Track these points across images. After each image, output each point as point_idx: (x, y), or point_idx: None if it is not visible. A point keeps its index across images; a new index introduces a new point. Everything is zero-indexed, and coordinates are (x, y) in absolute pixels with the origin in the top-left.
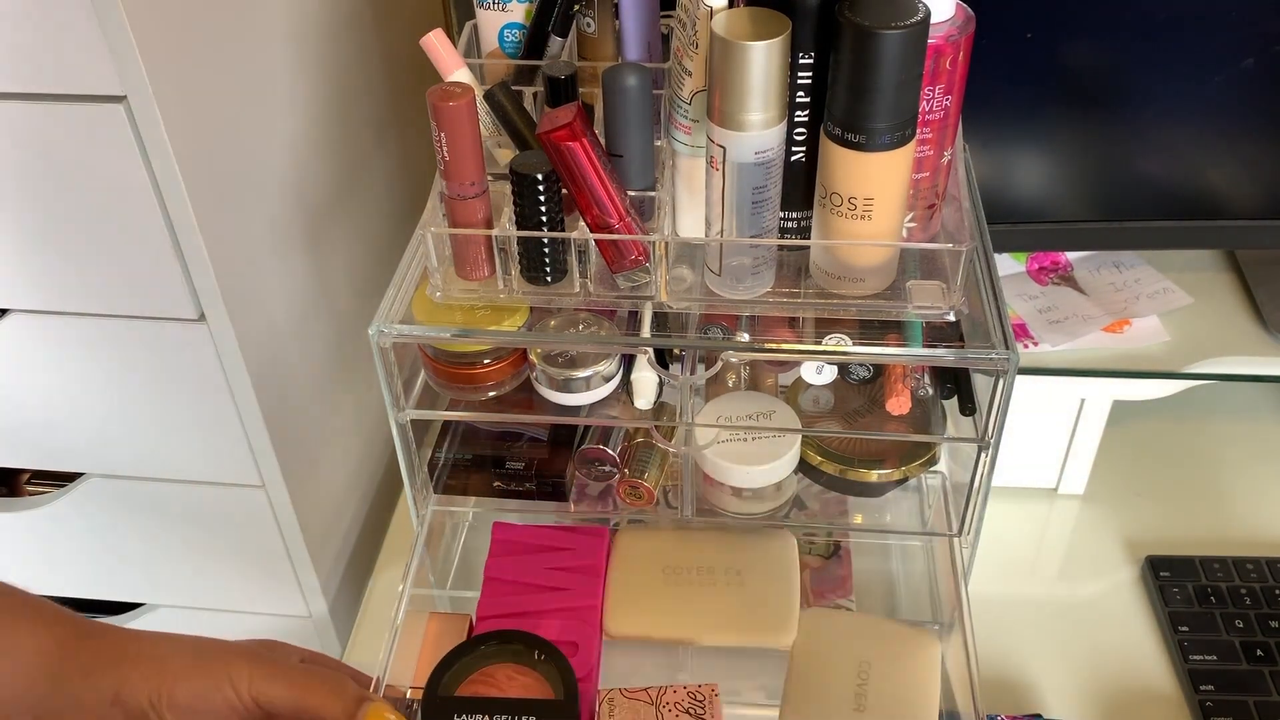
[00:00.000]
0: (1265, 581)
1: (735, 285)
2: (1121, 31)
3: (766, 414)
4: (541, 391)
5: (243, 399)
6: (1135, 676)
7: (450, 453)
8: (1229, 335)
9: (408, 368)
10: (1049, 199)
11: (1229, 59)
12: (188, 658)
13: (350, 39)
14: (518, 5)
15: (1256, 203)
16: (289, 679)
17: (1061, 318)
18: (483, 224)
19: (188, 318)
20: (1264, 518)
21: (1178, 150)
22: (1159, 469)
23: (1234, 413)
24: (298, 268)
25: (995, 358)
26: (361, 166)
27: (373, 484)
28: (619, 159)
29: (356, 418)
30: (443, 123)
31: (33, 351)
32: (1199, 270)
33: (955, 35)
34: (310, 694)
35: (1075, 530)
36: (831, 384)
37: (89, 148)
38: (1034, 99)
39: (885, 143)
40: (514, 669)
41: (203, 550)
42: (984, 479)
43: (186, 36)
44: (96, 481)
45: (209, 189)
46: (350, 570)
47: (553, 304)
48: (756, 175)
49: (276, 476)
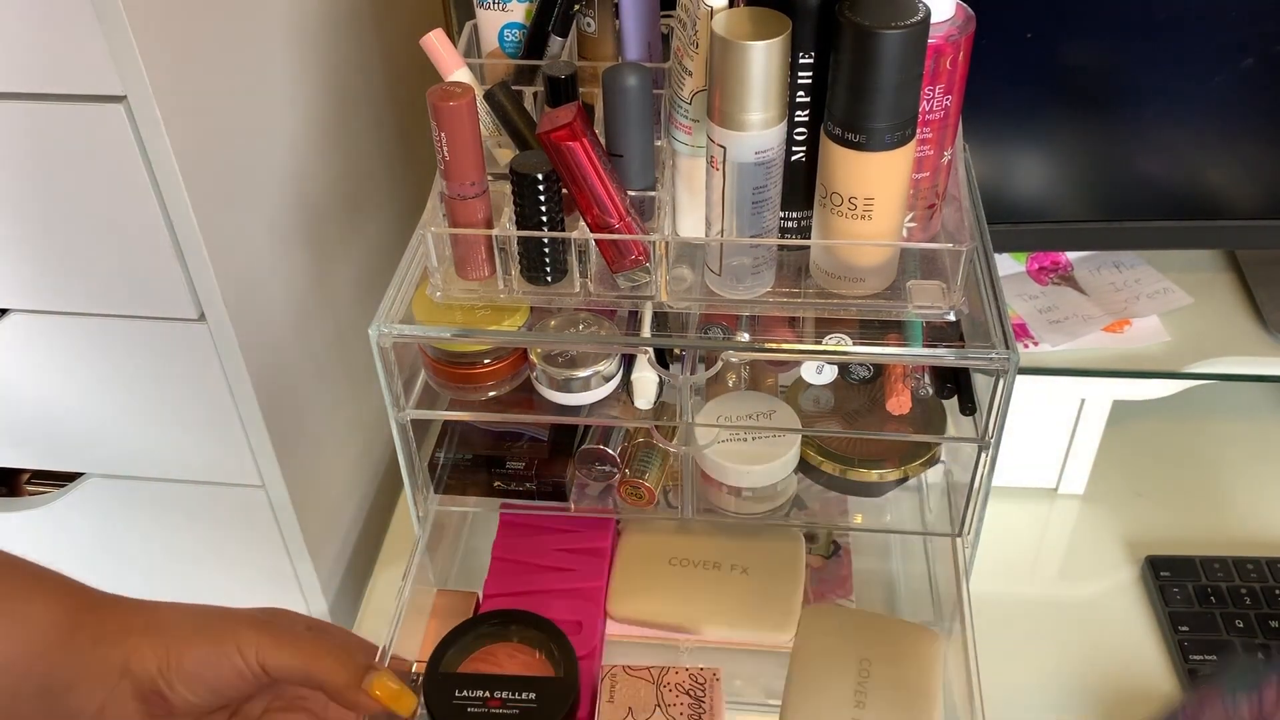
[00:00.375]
0: (1265, 581)
1: (735, 285)
2: (1121, 31)
3: (766, 414)
4: (541, 391)
5: (243, 399)
6: (1135, 676)
7: (450, 453)
8: (1229, 335)
9: (408, 368)
10: (1049, 199)
11: (1229, 59)
12: (195, 626)
13: (350, 39)
14: (518, 5)
15: (1256, 203)
16: (296, 646)
17: (1061, 318)
18: (483, 224)
19: (188, 318)
20: (1264, 518)
21: (1178, 150)
22: (1159, 469)
23: (1234, 413)
24: (298, 268)
25: (995, 358)
26: (361, 166)
27: (373, 484)
28: (619, 159)
29: (356, 418)
30: (443, 123)
31: (33, 351)
32: (1199, 270)
33: (955, 35)
34: (316, 662)
35: (1075, 530)
36: (831, 384)
37: (89, 148)
38: (1034, 99)
39: (885, 143)
40: (514, 647)
41: (203, 550)
42: (984, 479)
43: (186, 36)
44: (96, 481)
45: (209, 189)
46: (350, 570)
47: (553, 304)
48: (757, 175)
49: (276, 476)
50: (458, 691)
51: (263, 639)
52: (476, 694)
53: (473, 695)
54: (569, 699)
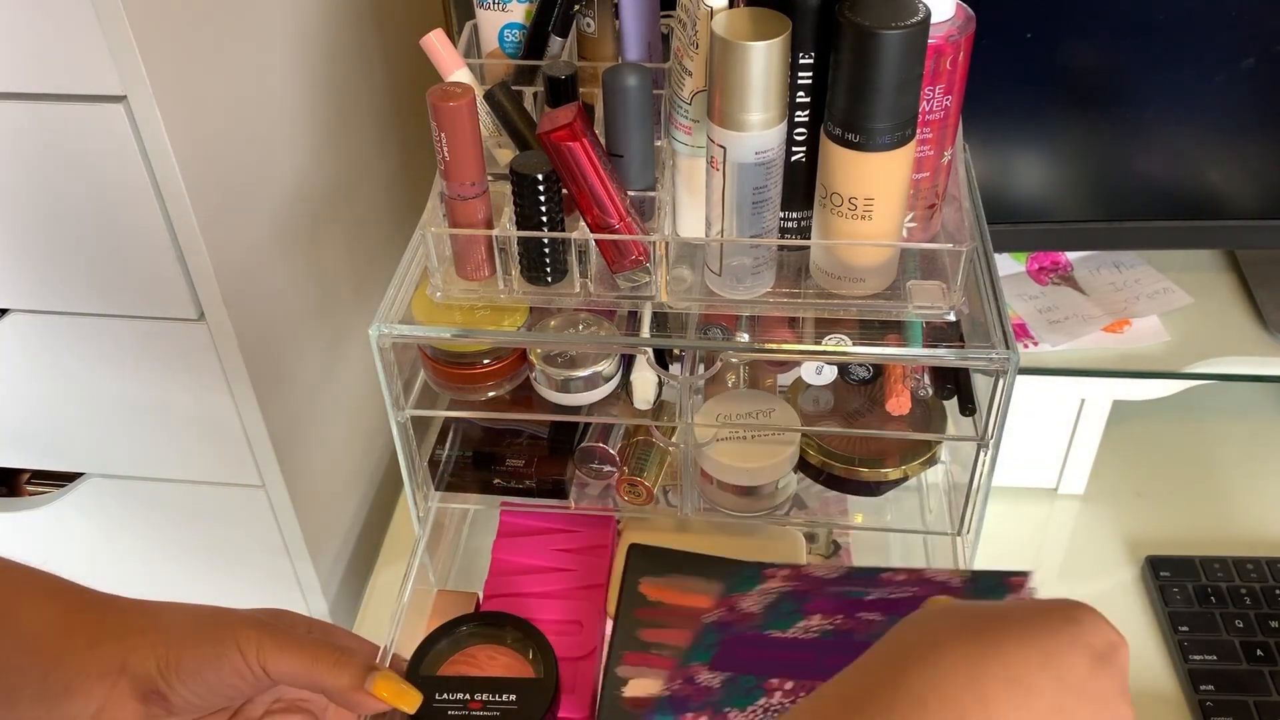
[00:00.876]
0: (1265, 581)
1: (735, 285)
2: (1121, 31)
3: (766, 413)
4: (541, 392)
5: (243, 399)
6: (1135, 676)
7: (450, 451)
8: (1229, 335)
9: (408, 368)
10: (1049, 199)
11: (1229, 59)
12: (195, 626)
13: (350, 39)
14: (518, 5)
15: (1256, 203)
16: (297, 648)
17: (1061, 318)
18: (483, 224)
19: (188, 318)
20: (1264, 518)
21: (1178, 150)
22: (1159, 469)
23: (1234, 413)
24: (298, 268)
25: (995, 358)
26: (361, 166)
27: (373, 484)
28: (619, 159)
29: (356, 417)
30: (443, 123)
31: (33, 351)
32: (1199, 270)
33: (955, 35)
34: (318, 664)
35: (1075, 530)
36: (831, 384)
37: (89, 148)
38: (1034, 99)
39: (885, 143)
40: (495, 649)
41: (203, 550)
42: (984, 479)
43: (186, 36)
44: (96, 481)
45: (209, 189)
46: (350, 569)
47: (553, 304)
48: (757, 175)
49: (276, 476)
50: (438, 694)
51: (264, 640)
52: (457, 697)
53: (454, 698)
54: (549, 700)
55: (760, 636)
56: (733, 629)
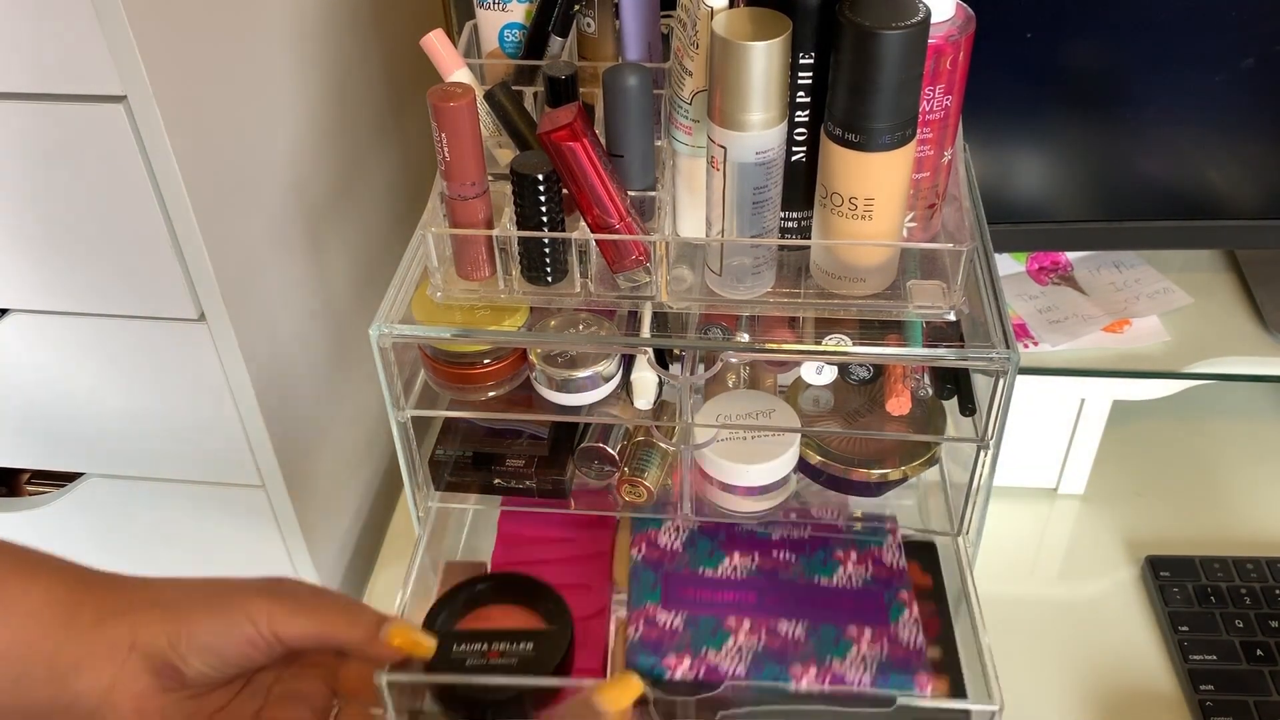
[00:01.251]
0: (1265, 581)
1: (735, 285)
2: (1121, 31)
3: (766, 413)
4: (541, 392)
5: (243, 399)
6: (1135, 676)
7: (450, 451)
8: (1229, 335)
9: (408, 367)
10: (1049, 199)
11: (1229, 59)
12: (203, 598)
13: (350, 39)
14: (518, 5)
15: (1256, 203)
16: (308, 610)
17: (1061, 318)
18: (483, 224)
19: (188, 318)
20: (1264, 518)
21: (1178, 150)
22: (1159, 469)
23: (1234, 413)
24: (298, 268)
25: (995, 358)
26: (361, 166)
27: (373, 484)
28: (619, 159)
29: (356, 417)
30: (443, 123)
31: (33, 351)
32: (1199, 270)
33: (955, 35)
34: (330, 622)
35: (1075, 530)
36: (831, 384)
37: (89, 148)
38: (1034, 99)
39: (885, 143)
40: (509, 607)
41: (203, 550)
42: (984, 479)
43: (186, 36)
44: (96, 481)
45: (209, 189)
46: (350, 570)
47: (553, 304)
48: (757, 175)
49: (276, 476)
50: (455, 645)
51: (273, 606)
52: (475, 647)
53: (471, 648)
54: (565, 647)
55: (695, 575)
56: (664, 566)
